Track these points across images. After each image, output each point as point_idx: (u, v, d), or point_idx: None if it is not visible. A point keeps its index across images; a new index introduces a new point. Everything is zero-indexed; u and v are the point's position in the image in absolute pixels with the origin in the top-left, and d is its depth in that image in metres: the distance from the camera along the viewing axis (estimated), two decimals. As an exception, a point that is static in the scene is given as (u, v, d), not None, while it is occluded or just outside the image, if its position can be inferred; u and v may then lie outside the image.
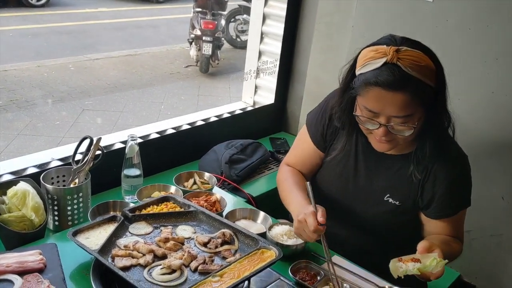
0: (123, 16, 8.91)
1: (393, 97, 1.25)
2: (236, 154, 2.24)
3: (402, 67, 1.25)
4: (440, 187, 1.44)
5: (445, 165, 1.43)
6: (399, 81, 1.24)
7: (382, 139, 1.35)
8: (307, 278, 1.38)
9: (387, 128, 1.31)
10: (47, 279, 1.25)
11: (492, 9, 1.90)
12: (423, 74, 1.26)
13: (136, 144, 1.74)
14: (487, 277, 2.18)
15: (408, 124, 1.30)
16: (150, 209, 1.54)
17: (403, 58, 1.26)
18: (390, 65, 1.25)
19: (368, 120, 1.34)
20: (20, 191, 1.50)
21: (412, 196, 1.48)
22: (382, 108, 1.28)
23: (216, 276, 1.23)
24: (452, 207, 1.47)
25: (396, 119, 1.29)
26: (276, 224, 1.58)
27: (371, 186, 1.53)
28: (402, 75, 1.24)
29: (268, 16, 2.62)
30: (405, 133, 1.32)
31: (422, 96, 1.27)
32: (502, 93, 1.94)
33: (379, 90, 1.26)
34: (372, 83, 1.27)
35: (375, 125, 1.33)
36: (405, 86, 1.24)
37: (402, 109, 1.27)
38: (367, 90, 1.29)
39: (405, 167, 1.47)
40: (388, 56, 1.26)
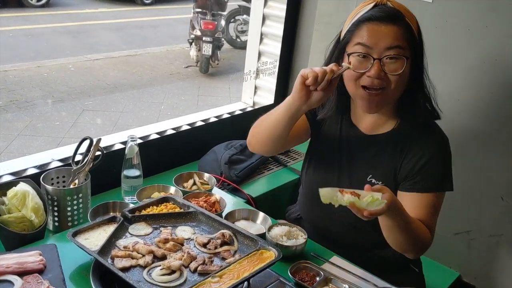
0: (123, 16, 8.92)
1: (386, 28, 1.34)
2: (235, 154, 2.24)
3: (391, 6, 1.37)
4: (419, 161, 1.45)
5: (426, 141, 1.46)
6: (390, 15, 1.34)
7: (374, 83, 1.35)
8: (307, 279, 1.38)
9: (380, 64, 1.34)
10: (47, 280, 1.25)
11: (491, 10, 1.90)
12: (410, 19, 1.37)
13: (135, 145, 1.75)
14: (486, 277, 2.18)
15: (400, 56, 1.34)
16: (150, 209, 1.54)
17: (392, 0, 1.39)
18: (380, 5, 1.38)
19: (360, 61, 1.36)
20: (20, 192, 1.50)
21: (393, 173, 1.50)
22: (376, 40, 1.34)
23: (216, 276, 1.23)
24: (429, 182, 1.45)
25: (388, 51, 1.33)
26: (275, 225, 1.58)
27: (355, 168, 1.55)
28: (393, 11, 1.36)
29: (268, 17, 2.62)
30: (397, 70, 1.35)
31: (410, 37, 1.36)
32: (501, 93, 1.95)
33: (372, 24, 1.35)
34: (366, 19, 1.36)
35: (368, 65, 1.35)
36: (396, 20, 1.34)
37: (394, 40, 1.34)
38: (360, 28, 1.36)
39: (386, 146, 1.50)
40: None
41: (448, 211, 2.20)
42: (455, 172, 2.12)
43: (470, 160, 2.09)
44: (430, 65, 2.10)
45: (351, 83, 1.41)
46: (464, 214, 2.16)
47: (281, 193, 2.22)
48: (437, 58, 2.09)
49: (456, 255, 2.22)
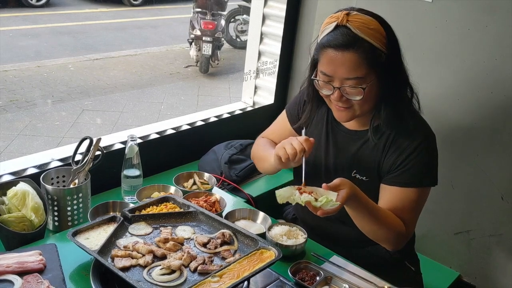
0: (123, 16, 8.91)
1: (343, 57, 1.33)
2: (235, 154, 2.24)
3: (351, 28, 1.33)
4: (400, 156, 1.46)
5: (407, 137, 1.46)
6: (348, 42, 1.32)
7: (339, 105, 1.41)
8: (307, 278, 1.39)
9: (340, 91, 1.37)
10: (47, 280, 1.26)
11: (491, 10, 1.90)
12: (372, 37, 1.33)
13: (135, 145, 1.75)
14: (486, 277, 2.18)
15: (358, 86, 1.35)
16: (150, 209, 1.54)
17: (353, 20, 1.34)
18: (340, 27, 1.35)
19: (324, 85, 1.40)
20: (20, 191, 1.50)
21: (376, 170, 1.51)
22: (335, 69, 1.35)
23: (216, 276, 1.23)
24: (409, 176, 1.46)
25: (347, 81, 1.35)
26: (275, 225, 1.58)
27: (340, 163, 1.57)
28: (351, 36, 1.32)
29: (268, 17, 2.62)
30: (357, 97, 1.37)
31: (372, 59, 1.34)
32: (501, 93, 1.95)
33: (330, 52, 1.35)
34: (325, 45, 1.36)
35: (330, 90, 1.39)
36: (354, 46, 1.32)
37: (352, 70, 1.33)
38: (322, 54, 1.38)
39: (369, 141, 1.51)
40: (339, 19, 1.34)
41: (448, 211, 2.21)
42: (455, 171, 2.14)
43: (470, 160, 2.10)
44: (430, 64, 2.11)
45: (324, 97, 1.47)
46: (464, 214, 2.16)
47: (281, 192, 2.21)
48: (437, 58, 2.10)
49: (456, 255, 2.22)
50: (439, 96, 2.11)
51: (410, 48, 2.14)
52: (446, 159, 2.15)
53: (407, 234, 1.48)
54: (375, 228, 1.44)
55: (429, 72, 2.12)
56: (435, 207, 2.17)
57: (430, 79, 2.12)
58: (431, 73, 2.12)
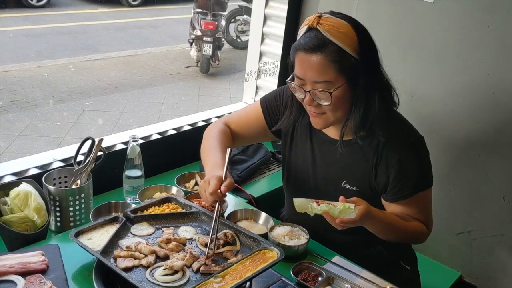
0: (124, 16, 8.92)
1: (312, 59, 1.32)
2: (237, 154, 2.24)
3: (321, 31, 1.32)
4: (392, 169, 1.45)
5: (395, 146, 1.45)
6: (316, 44, 1.32)
7: (312, 110, 1.41)
8: (309, 279, 1.39)
9: (311, 95, 1.37)
10: (49, 280, 1.26)
11: (493, 10, 1.90)
12: (342, 41, 1.31)
13: (137, 145, 1.75)
14: (488, 278, 2.18)
15: (325, 90, 1.34)
16: (152, 210, 1.54)
17: (323, 23, 1.33)
18: (312, 29, 1.34)
19: (297, 88, 1.41)
20: (22, 192, 1.50)
21: (367, 180, 1.50)
22: (305, 72, 1.35)
23: (218, 277, 1.24)
24: (407, 190, 1.46)
25: (317, 84, 1.35)
26: (277, 225, 1.58)
27: (328, 174, 1.56)
28: (320, 38, 1.32)
29: (269, 17, 2.62)
30: (325, 101, 1.36)
31: (340, 62, 1.32)
32: (502, 93, 1.95)
33: (301, 54, 1.35)
34: (296, 48, 1.37)
35: (302, 94, 1.40)
36: (322, 49, 1.31)
37: (320, 73, 1.33)
38: (295, 56, 1.38)
39: (356, 150, 1.50)
40: (310, 22, 1.35)
41: (450, 211, 2.21)
42: (457, 172, 2.14)
43: (472, 160, 2.10)
44: (431, 65, 2.11)
45: (301, 102, 1.47)
46: (466, 214, 2.16)
47: (282, 193, 2.20)
48: (438, 58, 2.10)
49: (458, 255, 2.22)
50: (441, 97, 2.11)
51: (411, 49, 2.16)
52: (447, 159, 2.16)
53: (429, 230, 1.53)
54: (397, 237, 1.48)
55: (430, 72, 2.12)
56: (437, 207, 2.15)
57: (431, 79, 2.12)
58: (432, 74, 2.12)
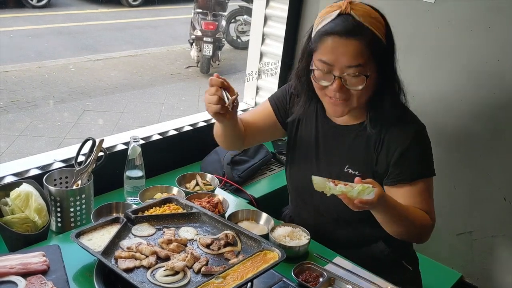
0: (124, 17, 8.92)
1: (347, 45, 1.31)
2: (238, 155, 2.24)
3: (355, 16, 1.32)
4: (394, 153, 1.45)
5: (397, 133, 1.46)
6: (352, 29, 1.31)
7: (337, 96, 1.38)
8: (310, 280, 1.38)
9: (341, 81, 1.35)
10: (50, 281, 1.25)
11: (494, 10, 1.90)
12: (374, 26, 1.33)
13: (138, 146, 1.75)
14: (489, 278, 2.18)
15: (360, 74, 1.33)
16: (153, 210, 1.54)
17: (356, 8, 1.33)
18: (344, 15, 1.33)
19: (322, 75, 1.37)
20: (23, 192, 1.50)
21: (370, 165, 1.50)
22: (336, 57, 1.33)
23: (219, 277, 1.23)
24: (408, 172, 1.46)
25: (349, 69, 1.33)
26: (278, 226, 1.58)
27: (331, 159, 1.56)
28: (355, 23, 1.31)
29: (270, 18, 2.62)
30: (358, 86, 1.35)
31: (374, 47, 1.33)
32: (504, 94, 1.95)
33: (333, 39, 1.32)
34: (327, 33, 1.33)
35: (330, 80, 1.36)
36: (358, 34, 1.31)
37: (355, 58, 1.32)
38: (322, 42, 1.34)
39: (360, 136, 1.50)
40: (342, 8, 1.33)
41: (451, 212, 2.21)
42: (458, 172, 2.14)
43: (473, 161, 2.09)
44: (433, 65, 2.11)
45: (318, 91, 1.44)
46: (467, 214, 2.16)
47: (283, 193, 2.20)
48: (439, 59, 2.10)
49: (459, 255, 2.22)
50: (442, 97, 2.11)
51: (412, 49, 2.16)
52: (448, 159, 2.16)
53: (430, 225, 1.48)
54: (405, 227, 1.43)
55: (431, 72, 2.12)
56: (437, 207, 2.14)
57: (432, 79, 2.12)
58: (434, 74, 2.12)
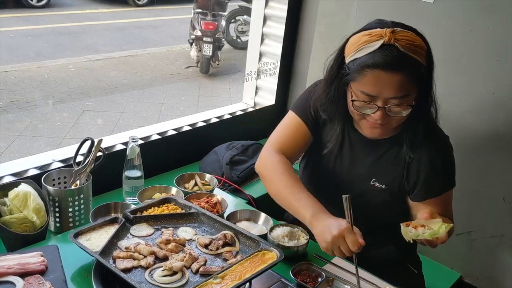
0: (124, 17, 8.91)
1: (392, 78, 1.27)
2: (237, 155, 2.24)
3: (399, 47, 1.27)
4: (424, 168, 1.45)
5: (428, 147, 1.45)
6: (397, 62, 1.26)
7: (378, 122, 1.36)
8: (308, 280, 1.38)
9: (385, 110, 1.32)
10: (48, 281, 1.25)
11: (493, 10, 1.90)
12: (418, 54, 1.29)
13: (137, 146, 1.75)
14: (488, 278, 2.18)
15: (404, 104, 1.32)
16: (151, 210, 1.54)
17: (400, 38, 1.28)
18: (387, 46, 1.27)
19: (364, 105, 1.34)
20: (21, 192, 1.50)
21: (398, 179, 1.50)
22: (380, 90, 1.30)
23: (218, 277, 1.23)
24: (437, 188, 1.47)
25: (393, 100, 1.31)
26: (277, 226, 1.58)
27: (357, 172, 1.54)
28: (400, 56, 1.27)
29: (269, 18, 2.62)
30: (403, 113, 1.34)
31: (417, 76, 1.30)
32: (502, 93, 1.95)
33: (377, 72, 1.28)
34: (370, 66, 1.28)
35: (373, 109, 1.34)
36: (403, 66, 1.27)
37: (400, 90, 1.29)
38: (365, 74, 1.30)
39: (391, 150, 1.50)
40: (385, 38, 1.28)
41: (450, 212, 2.20)
42: (457, 172, 2.12)
43: (472, 161, 2.09)
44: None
45: (356, 116, 1.41)
46: (466, 215, 2.16)
47: (282, 193, 2.21)
48: (438, 59, 2.08)
49: (458, 256, 2.22)
50: (440, 97, 2.08)
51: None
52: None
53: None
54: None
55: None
56: (437, 208, 2.17)
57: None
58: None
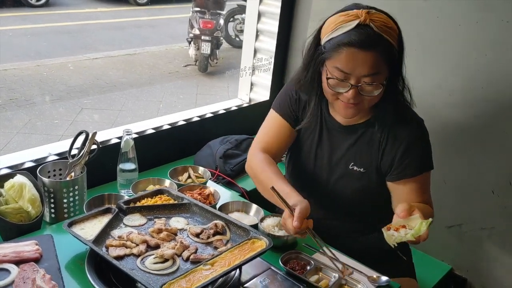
0: (122, 16, 8.94)
1: (365, 56, 1.33)
2: (230, 149, 2.27)
3: (374, 28, 1.34)
4: (398, 149, 1.50)
5: (401, 129, 1.50)
6: (372, 41, 1.33)
7: (350, 102, 1.41)
8: (297, 268, 1.41)
9: (357, 89, 1.38)
10: (42, 268, 1.28)
11: (481, 5, 1.93)
12: (390, 36, 1.36)
13: (131, 139, 1.77)
14: (478, 270, 2.20)
15: (376, 82, 1.37)
16: (145, 201, 1.57)
17: (375, 19, 1.35)
18: (363, 26, 1.34)
19: (338, 83, 1.40)
20: (17, 183, 1.52)
21: (374, 162, 1.54)
22: (354, 67, 1.35)
23: (208, 264, 1.26)
24: (412, 167, 1.50)
25: (365, 78, 1.36)
26: (268, 216, 1.60)
27: (336, 158, 1.59)
28: (375, 35, 1.34)
29: (263, 14, 2.65)
30: (374, 92, 1.39)
31: (389, 56, 1.36)
32: (491, 88, 1.97)
33: (352, 50, 1.34)
34: (346, 44, 1.34)
35: (346, 88, 1.39)
36: (376, 45, 1.33)
37: (372, 68, 1.35)
38: (340, 52, 1.36)
39: (365, 133, 1.55)
40: (361, 18, 1.34)
41: (441, 205, 2.21)
42: (447, 166, 2.17)
43: (462, 155, 2.12)
44: (422, 60, 2.14)
45: (329, 95, 1.47)
46: (456, 207, 2.19)
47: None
48: (428, 54, 2.12)
49: (448, 248, 2.25)
50: (431, 92, 2.14)
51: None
52: (438, 154, 2.16)
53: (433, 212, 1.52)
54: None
55: (421, 68, 2.15)
56: (428, 201, 2.20)
57: (422, 75, 2.14)
58: (423, 70, 2.15)
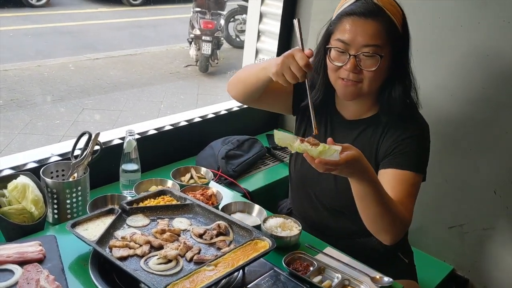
0: (123, 16, 8.95)
1: (365, 24, 1.37)
2: (232, 149, 2.27)
3: (376, 1, 1.39)
4: (393, 143, 1.50)
5: (400, 128, 1.50)
6: (371, 10, 1.37)
7: (350, 77, 1.41)
8: (300, 269, 1.41)
9: (356, 60, 1.39)
10: (46, 269, 1.29)
11: (483, 6, 1.93)
12: (392, 13, 1.40)
13: (133, 139, 1.78)
14: (480, 271, 2.21)
15: (375, 54, 1.38)
16: (147, 202, 1.57)
17: None
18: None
19: (338, 56, 1.42)
20: (20, 184, 1.53)
21: (374, 155, 1.55)
22: (354, 36, 1.37)
23: (211, 265, 1.26)
24: (401, 160, 1.46)
25: (365, 48, 1.37)
26: (270, 217, 1.61)
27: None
28: (375, 6, 1.38)
29: (265, 15, 2.65)
30: (372, 67, 1.39)
31: (390, 31, 1.39)
32: (492, 88, 1.97)
33: (352, 19, 1.38)
34: (347, 13, 1.40)
35: (344, 61, 1.41)
36: (377, 15, 1.37)
37: (372, 38, 1.37)
38: (341, 22, 1.40)
39: (366, 130, 1.55)
40: None
41: (442, 205, 2.24)
42: (448, 166, 2.17)
43: (463, 155, 2.13)
44: (423, 60, 2.13)
45: (331, 73, 1.48)
46: (458, 207, 2.19)
47: (277, 187, 2.24)
48: (429, 54, 2.13)
49: (450, 248, 2.25)
50: (432, 92, 2.14)
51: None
52: (439, 154, 2.18)
53: (406, 222, 1.41)
54: (380, 212, 1.32)
55: (421, 68, 2.13)
56: (429, 201, 2.20)
57: (422, 75, 2.13)
58: (424, 70, 2.14)
